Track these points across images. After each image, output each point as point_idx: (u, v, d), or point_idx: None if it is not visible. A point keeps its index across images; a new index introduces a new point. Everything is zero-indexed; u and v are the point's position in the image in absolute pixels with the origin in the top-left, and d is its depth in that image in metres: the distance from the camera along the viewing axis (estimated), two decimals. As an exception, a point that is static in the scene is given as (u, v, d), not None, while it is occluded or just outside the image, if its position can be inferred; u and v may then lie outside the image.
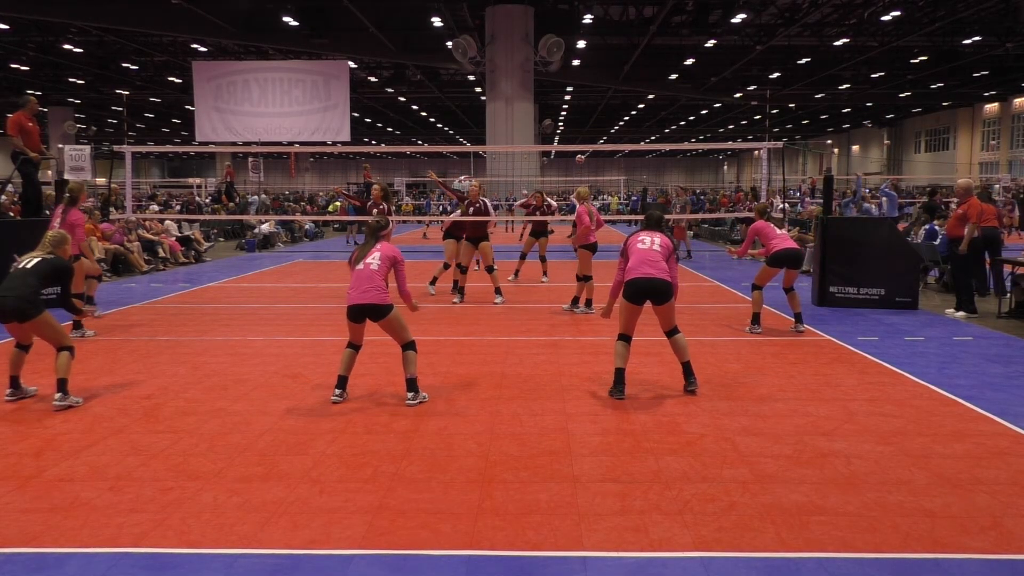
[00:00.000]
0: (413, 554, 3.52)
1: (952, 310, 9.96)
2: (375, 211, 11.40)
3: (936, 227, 14.13)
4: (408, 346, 6.01)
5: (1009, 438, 5.11)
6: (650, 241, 6.25)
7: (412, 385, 5.94)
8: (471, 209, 11.41)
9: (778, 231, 8.81)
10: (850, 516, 3.90)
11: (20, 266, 5.92)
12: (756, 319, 8.77)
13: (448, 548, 3.57)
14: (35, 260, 5.97)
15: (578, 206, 9.99)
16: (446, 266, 11.73)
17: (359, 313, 5.88)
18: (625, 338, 6.13)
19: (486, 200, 11.80)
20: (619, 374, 6.07)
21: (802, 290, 12.02)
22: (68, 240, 6.33)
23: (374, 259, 5.90)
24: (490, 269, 11.06)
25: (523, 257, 13.50)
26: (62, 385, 5.78)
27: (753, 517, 3.88)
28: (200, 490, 4.24)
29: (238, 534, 3.71)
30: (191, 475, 4.45)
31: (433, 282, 11.83)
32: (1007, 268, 10.07)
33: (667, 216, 23.44)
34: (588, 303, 10.07)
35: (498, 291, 10.98)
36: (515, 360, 7.36)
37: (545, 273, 13.40)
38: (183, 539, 3.66)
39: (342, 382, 5.97)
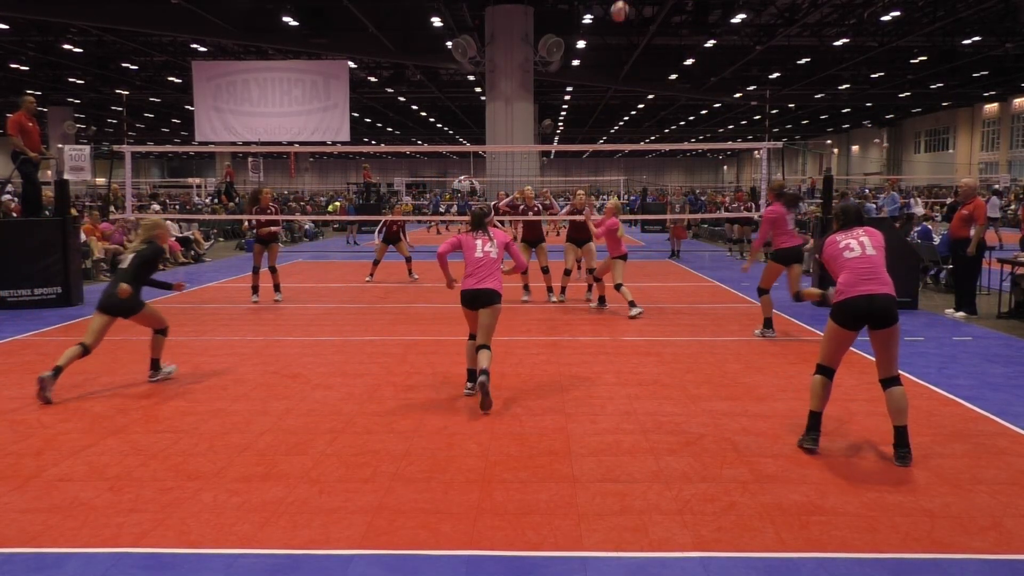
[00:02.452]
0: (413, 554, 3.52)
1: (952, 310, 9.96)
2: (530, 213, 11.82)
3: (929, 227, 14.15)
4: (487, 346, 5.94)
5: (1009, 438, 5.11)
6: (861, 245, 4.96)
7: (473, 376, 6.07)
8: (530, 213, 11.88)
9: (790, 224, 8.59)
10: (850, 516, 3.90)
11: (122, 266, 6.53)
12: (768, 323, 8.58)
13: (448, 548, 3.58)
14: (131, 256, 6.52)
15: (610, 218, 9.99)
16: (567, 272, 11.09)
17: (475, 299, 5.96)
18: (827, 372, 4.88)
19: (542, 203, 12.14)
20: (814, 419, 4.88)
21: (802, 290, 12.04)
22: (161, 225, 6.91)
23: (492, 247, 6.04)
24: (545, 270, 11.36)
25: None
26: (155, 363, 6.69)
27: (753, 517, 3.88)
28: (200, 490, 4.24)
29: (238, 534, 3.71)
30: (191, 475, 4.45)
31: (527, 290, 11.44)
32: (1007, 268, 10.07)
33: (666, 216, 23.53)
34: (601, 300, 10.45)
35: (549, 289, 11.29)
36: (515, 360, 7.36)
37: (550, 289, 11.34)
38: (183, 539, 3.66)
39: (472, 375, 6.08)
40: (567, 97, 45.50)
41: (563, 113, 54.61)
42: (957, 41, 29.62)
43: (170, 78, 38.15)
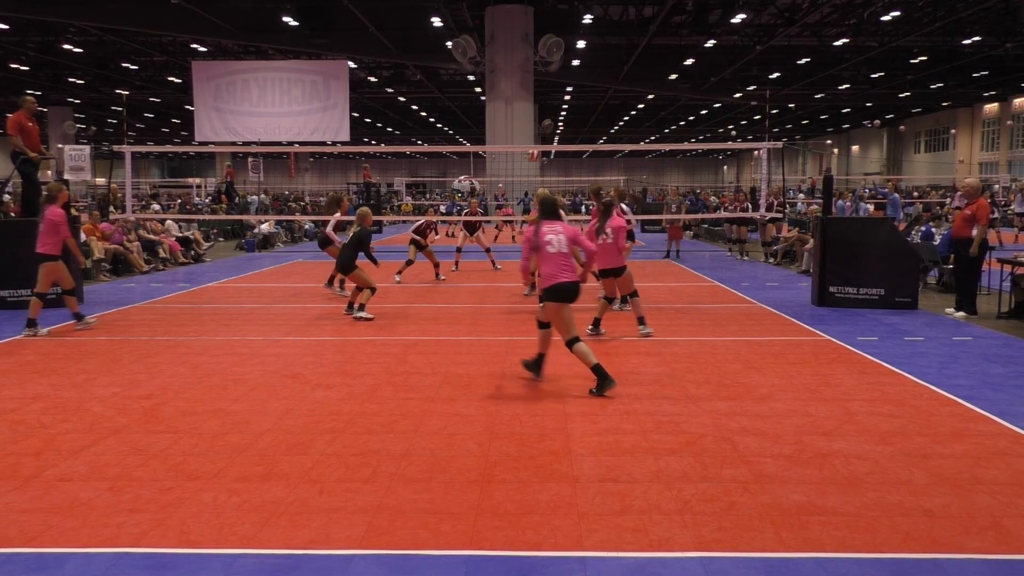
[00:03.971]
0: (413, 554, 3.52)
1: (952, 310, 9.96)
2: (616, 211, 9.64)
3: (932, 228, 14.15)
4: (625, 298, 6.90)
5: (1009, 438, 5.11)
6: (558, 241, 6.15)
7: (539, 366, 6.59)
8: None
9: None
10: (849, 516, 3.90)
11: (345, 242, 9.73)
12: None
13: (448, 548, 3.58)
14: (351, 235, 9.81)
15: (614, 217, 8.29)
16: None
17: (575, 293, 6.17)
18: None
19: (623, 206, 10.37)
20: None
21: (802, 290, 12.05)
22: (369, 214, 9.74)
23: (563, 238, 6.22)
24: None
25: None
26: (361, 307, 9.58)
27: (753, 517, 3.88)
28: (200, 490, 4.24)
29: (238, 534, 3.71)
30: (191, 475, 4.45)
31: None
32: (1007, 268, 10.07)
33: (664, 216, 23.53)
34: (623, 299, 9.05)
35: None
36: (515, 360, 7.35)
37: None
38: (183, 539, 3.66)
39: (539, 363, 6.62)
40: (567, 97, 45.52)
41: (563, 113, 54.63)
42: (957, 41, 29.64)
43: (170, 78, 38.18)
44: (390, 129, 64.72)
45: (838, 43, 29.88)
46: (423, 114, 54.33)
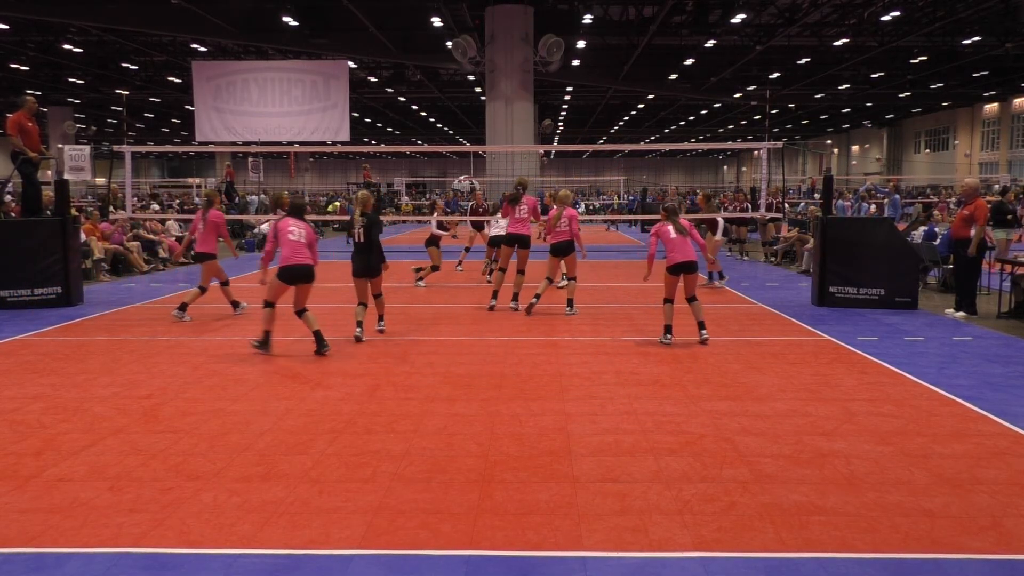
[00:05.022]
0: (413, 554, 3.52)
1: (952, 310, 9.96)
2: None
3: (936, 228, 14.15)
4: (693, 299, 8.25)
5: (1009, 438, 5.11)
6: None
7: (703, 324, 8.19)
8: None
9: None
10: (849, 516, 3.90)
11: (363, 239, 8.22)
12: None
13: (448, 548, 3.58)
14: (369, 223, 8.26)
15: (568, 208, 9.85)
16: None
17: (685, 267, 8.10)
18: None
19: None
20: None
21: (802, 290, 12.05)
22: (370, 199, 8.44)
23: (684, 228, 8.17)
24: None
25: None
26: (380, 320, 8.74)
27: (753, 517, 3.88)
28: (200, 490, 4.24)
29: (238, 534, 3.71)
30: (191, 475, 4.45)
31: None
32: (1007, 269, 10.07)
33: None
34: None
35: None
36: (515, 360, 7.36)
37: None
38: (183, 539, 3.66)
39: (669, 328, 8.17)
40: (567, 97, 45.51)
41: (563, 113, 54.62)
42: (957, 41, 29.62)
43: (170, 78, 38.15)
44: (390, 129, 64.70)
45: (838, 43, 29.87)
46: (423, 114, 54.31)
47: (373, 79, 38.70)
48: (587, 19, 27.46)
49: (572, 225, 9.71)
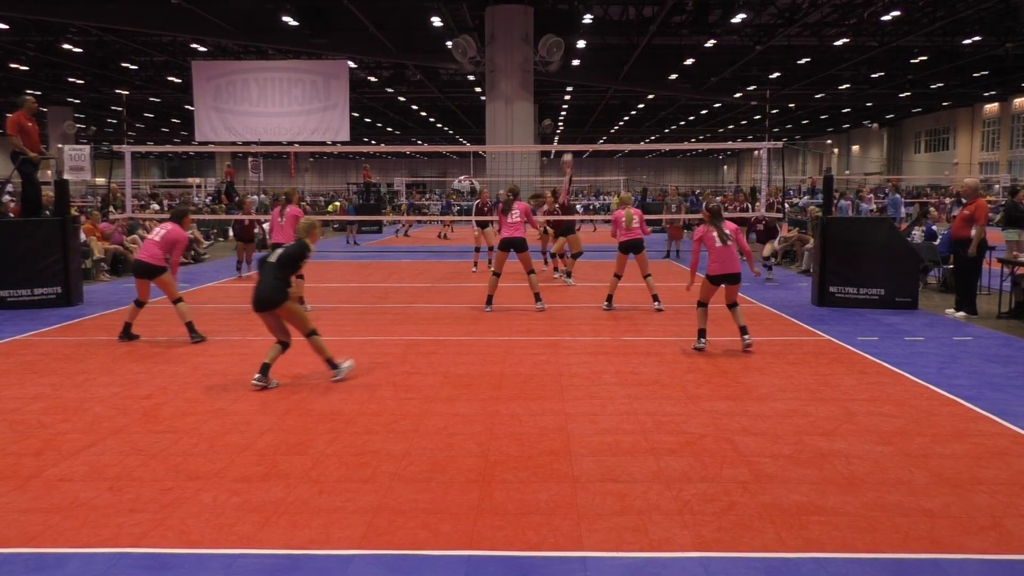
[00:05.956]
0: (413, 554, 3.52)
1: (952, 310, 9.96)
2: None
3: (935, 227, 14.14)
4: (734, 305, 7.80)
5: (1009, 438, 5.11)
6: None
7: (745, 330, 7.71)
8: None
9: None
10: (849, 516, 3.90)
11: (269, 259, 6.44)
12: None
13: (448, 548, 3.58)
14: (280, 251, 6.48)
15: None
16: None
17: (727, 278, 7.65)
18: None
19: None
20: None
21: (802, 290, 12.05)
22: (317, 226, 6.79)
23: (729, 235, 7.71)
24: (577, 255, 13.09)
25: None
26: (329, 363, 6.59)
27: (753, 517, 3.88)
28: (200, 490, 4.24)
29: (238, 534, 3.71)
30: (191, 475, 4.45)
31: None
32: (1007, 269, 10.07)
33: (663, 216, 23.57)
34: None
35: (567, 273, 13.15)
36: (515, 360, 7.36)
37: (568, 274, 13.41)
38: (183, 539, 3.66)
39: (703, 332, 7.74)
40: (567, 97, 45.50)
41: (563, 113, 54.61)
42: (957, 41, 29.62)
43: (170, 78, 38.15)
44: (390, 129, 64.69)
45: (838, 43, 29.87)
46: (423, 114, 54.31)
47: (373, 79, 38.71)
48: (587, 19, 27.46)
49: (642, 224, 10.33)
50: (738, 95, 41.78)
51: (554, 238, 13.86)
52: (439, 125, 61.70)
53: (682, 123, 62.31)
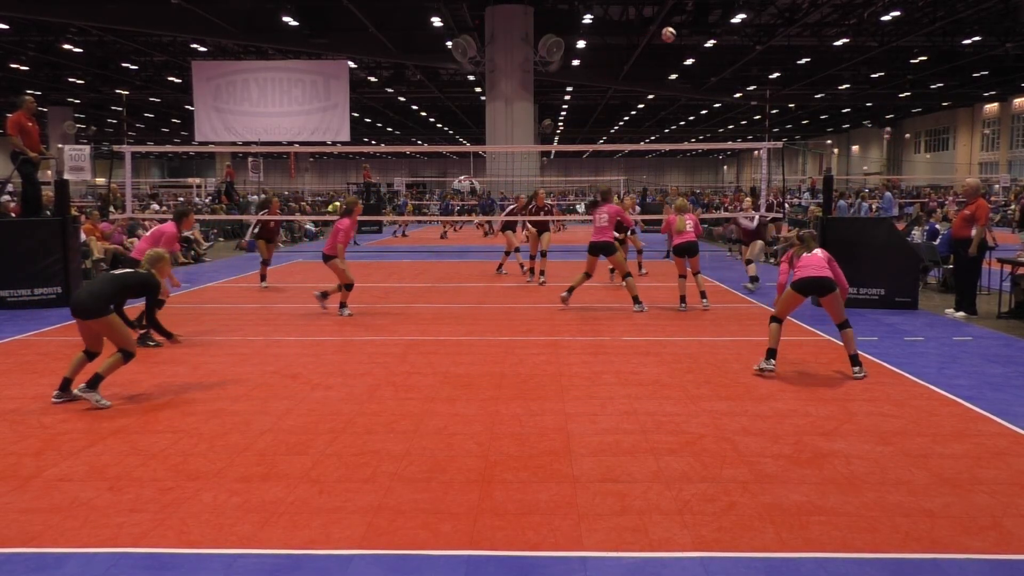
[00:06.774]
0: (413, 554, 3.52)
1: (952, 310, 9.96)
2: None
3: (937, 227, 14.14)
4: (844, 324, 6.71)
5: (1009, 438, 5.11)
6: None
7: (855, 360, 6.67)
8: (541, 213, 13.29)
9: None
10: (850, 516, 3.90)
11: (110, 271, 5.97)
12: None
13: (448, 548, 3.57)
14: (127, 271, 6.10)
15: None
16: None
17: (816, 286, 6.66)
18: None
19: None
20: None
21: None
22: (165, 260, 6.32)
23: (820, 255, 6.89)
24: (543, 254, 12.89)
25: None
26: (95, 380, 5.75)
27: (753, 517, 3.88)
28: (200, 490, 4.24)
29: (238, 534, 3.71)
30: (191, 475, 4.45)
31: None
32: (1007, 268, 10.07)
33: (664, 216, 23.57)
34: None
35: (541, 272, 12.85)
36: (515, 360, 7.36)
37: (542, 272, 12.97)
38: (183, 539, 3.66)
39: (771, 354, 6.76)
40: (567, 97, 45.54)
41: (563, 113, 54.65)
42: (957, 41, 29.65)
43: (170, 78, 38.19)
44: (390, 129, 64.74)
45: (838, 43, 29.90)
46: (423, 114, 54.34)
47: (373, 79, 38.73)
48: (587, 19, 27.49)
49: (697, 227, 10.57)
50: (738, 95, 41.82)
51: (538, 236, 13.63)
52: (439, 125, 61.74)
53: (682, 123, 62.36)
